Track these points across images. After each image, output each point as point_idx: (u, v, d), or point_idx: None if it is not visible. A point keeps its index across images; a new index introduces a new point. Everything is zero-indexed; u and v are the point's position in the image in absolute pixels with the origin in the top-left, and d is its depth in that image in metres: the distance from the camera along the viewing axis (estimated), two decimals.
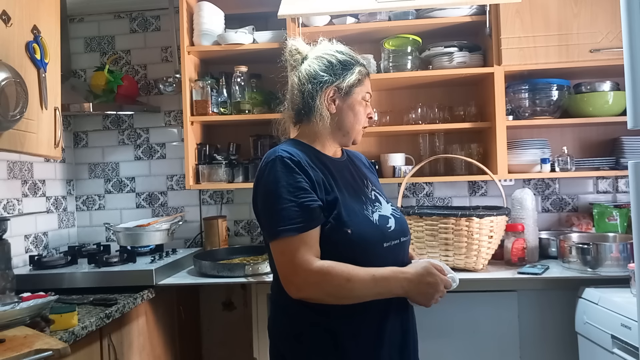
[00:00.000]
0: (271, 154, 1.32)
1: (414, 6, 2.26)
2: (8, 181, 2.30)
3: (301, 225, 1.22)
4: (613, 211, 2.38)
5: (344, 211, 1.27)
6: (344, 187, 1.33)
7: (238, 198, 2.82)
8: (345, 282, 1.21)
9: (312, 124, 1.38)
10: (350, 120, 1.38)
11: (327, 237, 1.26)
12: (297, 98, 1.40)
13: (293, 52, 1.43)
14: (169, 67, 2.78)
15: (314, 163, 1.32)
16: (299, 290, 1.24)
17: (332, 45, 1.42)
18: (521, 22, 2.26)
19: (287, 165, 1.26)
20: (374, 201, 1.38)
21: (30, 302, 1.50)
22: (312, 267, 1.21)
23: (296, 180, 1.24)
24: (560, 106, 2.38)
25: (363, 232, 1.28)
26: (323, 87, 1.35)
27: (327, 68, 1.36)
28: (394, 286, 1.25)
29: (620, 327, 1.62)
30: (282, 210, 1.23)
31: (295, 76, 1.41)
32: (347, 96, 1.37)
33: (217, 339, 2.80)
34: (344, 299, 1.24)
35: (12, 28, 1.64)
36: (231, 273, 2.13)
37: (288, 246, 1.22)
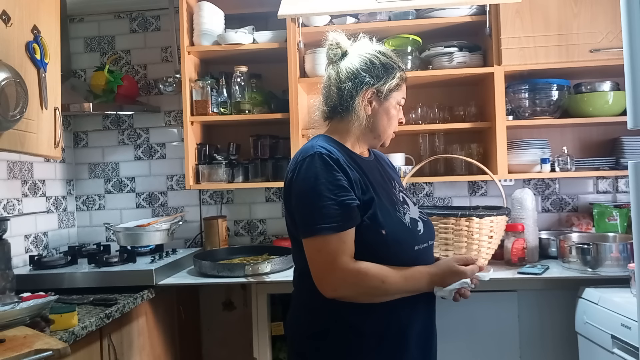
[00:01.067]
0: (308, 149, 1.29)
1: (414, 6, 2.25)
2: (8, 181, 2.30)
3: (340, 224, 1.21)
4: (613, 211, 2.38)
5: (379, 212, 1.27)
6: (376, 187, 1.33)
7: (238, 198, 2.82)
8: (380, 283, 1.23)
9: (345, 121, 1.37)
10: (384, 123, 1.38)
11: (361, 236, 1.26)
12: (333, 94, 1.37)
13: (334, 45, 1.40)
14: (169, 67, 2.78)
15: (349, 161, 1.31)
16: (334, 290, 1.24)
17: (374, 45, 1.40)
18: (521, 22, 2.26)
19: (327, 162, 1.25)
20: (402, 203, 1.37)
21: (30, 302, 1.50)
22: (350, 267, 1.22)
23: (336, 178, 1.23)
24: (560, 106, 2.38)
25: (397, 234, 1.28)
26: (363, 87, 1.34)
27: (368, 69, 1.34)
28: (421, 282, 1.28)
29: (620, 327, 1.62)
30: (322, 207, 1.22)
31: (333, 71, 1.38)
32: (384, 100, 1.36)
33: (217, 339, 2.80)
34: (377, 298, 1.26)
35: (12, 28, 1.64)
36: (231, 273, 2.13)
37: (326, 245, 1.22)
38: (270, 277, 2.12)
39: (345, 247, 1.22)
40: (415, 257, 1.31)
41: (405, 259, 1.29)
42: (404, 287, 1.26)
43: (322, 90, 1.42)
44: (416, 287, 1.28)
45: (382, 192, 1.33)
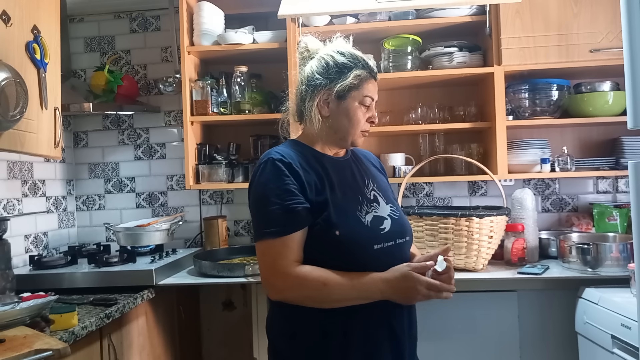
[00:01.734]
0: (265, 155, 1.33)
1: (414, 6, 2.26)
2: (8, 181, 2.30)
3: (283, 229, 1.23)
4: (613, 211, 2.38)
5: (333, 212, 1.27)
6: (339, 187, 1.32)
7: (238, 198, 2.82)
8: (321, 286, 1.22)
9: (309, 124, 1.38)
10: (345, 124, 1.35)
11: (316, 238, 1.26)
12: (297, 98, 1.40)
13: (302, 49, 1.41)
14: (169, 67, 2.78)
15: (309, 163, 1.32)
16: (277, 293, 1.27)
17: (337, 46, 1.38)
18: (521, 22, 2.26)
19: (278, 167, 1.27)
20: (371, 201, 1.36)
21: (30, 302, 1.50)
22: (290, 270, 1.23)
23: (284, 183, 1.25)
24: (560, 106, 2.38)
25: (351, 234, 1.27)
26: (315, 89, 1.34)
27: (323, 70, 1.34)
28: (373, 290, 1.24)
29: (620, 327, 1.62)
30: (268, 212, 1.25)
31: (299, 75, 1.40)
32: (341, 100, 1.34)
33: (217, 339, 2.80)
34: (323, 302, 1.25)
35: (12, 28, 1.64)
36: (231, 273, 2.13)
37: (269, 248, 1.25)
38: None
39: (288, 251, 1.23)
40: (375, 257, 1.28)
41: (363, 259, 1.27)
42: (350, 293, 1.23)
43: (290, 97, 1.45)
44: (367, 293, 1.24)
45: (346, 191, 1.33)
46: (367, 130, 1.40)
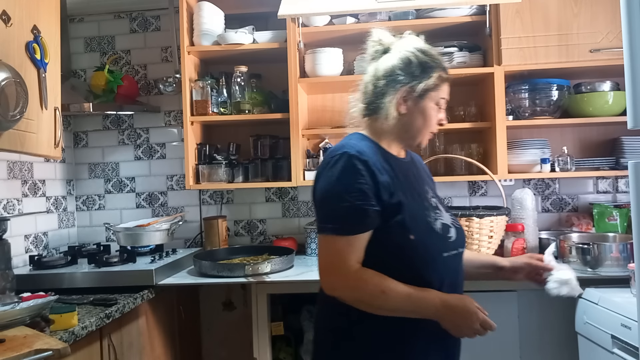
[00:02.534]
0: (339, 148, 1.28)
1: (414, 6, 2.26)
2: (8, 181, 2.30)
3: (350, 228, 1.21)
4: (613, 211, 2.38)
5: (407, 216, 1.25)
6: (408, 190, 1.30)
7: (238, 198, 2.82)
8: (380, 293, 1.20)
9: (380, 120, 1.34)
10: (419, 123, 1.33)
11: (388, 241, 1.24)
12: (369, 91, 1.35)
13: (375, 42, 1.37)
14: (169, 67, 2.78)
15: (381, 163, 1.28)
16: (333, 289, 1.25)
17: (415, 43, 1.35)
18: (521, 22, 2.26)
19: (353, 164, 1.23)
20: (434, 208, 1.35)
21: (30, 302, 1.50)
22: (352, 270, 1.21)
23: (358, 181, 1.22)
24: (560, 106, 2.38)
25: (425, 239, 1.26)
26: (396, 86, 1.30)
27: (405, 66, 1.30)
28: (428, 307, 1.22)
29: (620, 327, 1.62)
30: (336, 208, 1.22)
31: (372, 68, 1.36)
32: (419, 99, 1.31)
33: (217, 339, 2.80)
34: (377, 309, 1.23)
35: (12, 28, 1.64)
36: (231, 273, 2.13)
37: (333, 244, 1.22)
38: (270, 277, 2.12)
39: (352, 250, 1.21)
40: (443, 264, 1.29)
41: (432, 266, 1.26)
42: (406, 305, 1.21)
43: (361, 87, 1.40)
44: (421, 309, 1.22)
45: (414, 195, 1.31)
46: (435, 132, 1.38)
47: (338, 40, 2.55)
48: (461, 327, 1.23)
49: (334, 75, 2.46)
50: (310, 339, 2.30)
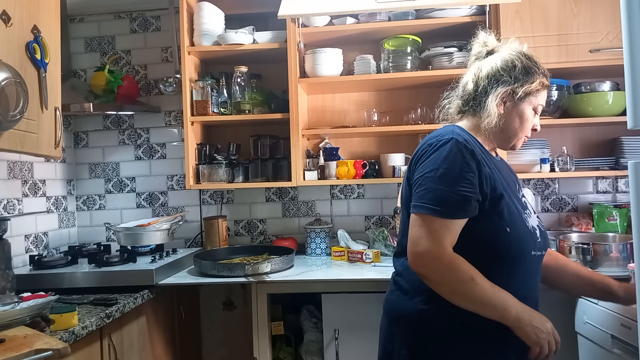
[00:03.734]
0: (447, 133, 1.30)
1: (414, 6, 2.26)
2: (8, 181, 2.31)
3: (450, 212, 1.22)
4: (613, 211, 2.38)
5: (506, 210, 1.27)
6: (505, 186, 1.33)
7: (238, 198, 2.82)
8: (469, 279, 1.21)
9: (477, 117, 1.38)
10: (516, 125, 1.37)
11: (485, 231, 1.26)
12: (469, 89, 1.39)
13: (480, 43, 1.43)
14: (169, 67, 2.79)
15: (482, 156, 1.31)
16: (421, 266, 1.24)
17: (519, 47, 1.40)
18: (521, 22, 2.26)
19: (461, 150, 1.25)
20: (525, 208, 1.38)
21: (31, 302, 1.50)
22: (446, 252, 1.22)
23: (463, 169, 1.24)
24: (560, 106, 2.38)
25: (520, 235, 1.28)
26: (499, 86, 1.34)
27: (508, 69, 1.35)
28: (510, 307, 1.22)
29: (620, 327, 1.62)
30: (439, 191, 1.23)
31: (475, 67, 1.40)
32: (519, 101, 1.35)
33: (217, 339, 2.80)
34: (458, 295, 1.23)
35: (12, 28, 1.64)
36: (231, 273, 2.14)
37: (430, 224, 1.23)
38: (270, 277, 2.12)
39: (448, 233, 1.23)
40: (530, 263, 1.31)
41: (522, 261, 1.29)
42: (490, 299, 1.22)
43: (460, 84, 1.44)
44: (504, 308, 1.22)
45: (509, 191, 1.33)
46: (529, 136, 1.42)
47: (338, 41, 2.55)
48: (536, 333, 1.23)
49: (334, 76, 2.47)
50: (311, 338, 2.31)
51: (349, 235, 2.52)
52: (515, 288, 1.29)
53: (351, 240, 2.49)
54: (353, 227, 2.71)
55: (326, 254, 2.56)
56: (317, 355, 2.27)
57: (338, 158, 2.53)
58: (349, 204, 2.76)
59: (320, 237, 2.57)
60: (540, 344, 1.23)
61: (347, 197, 2.76)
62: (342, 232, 2.53)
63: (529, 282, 1.34)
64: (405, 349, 1.32)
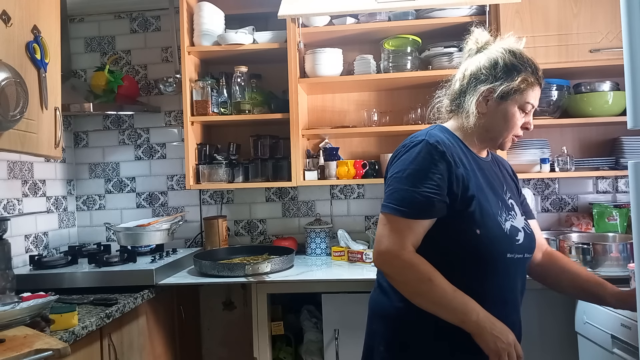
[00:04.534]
0: (420, 135, 1.31)
1: (414, 6, 2.26)
2: (8, 181, 2.31)
3: (415, 213, 1.23)
4: (613, 211, 2.38)
5: (477, 211, 1.26)
6: (483, 187, 1.31)
7: (238, 198, 2.82)
8: (427, 280, 1.20)
9: (462, 117, 1.37)
10: (499, 125, 1.34)
11: (455, 232, 1.26)
12: (455, 88, 1.39)
13: (471, 41, 1.41)
14: (169, 67, 2.79)
15: (459, 156, 1.30)
16: (381, 264, 1.26)
17: (508, 44, 1.36)
18: (521, 22, 2.26)
19: (430, 152, 1.25)
20: (509, 209, 1.35)
21: (31, 302, 1.50)
22: (405, 251, 1.22)
23: (430, 169, 1.24)
24: (560, 106, 2.38)
25: (492, 236, 1.26)
26: (478, 85, 1.33)
27: (491, 67, 1.32)
28: (470, 309, 1.19)
29: (620, 327, 1.62)
30: (404, 191, 1.24)
31: (462, 66, 1.40)
32: (501, 100, 1.31)
33: (217, 339, 2.80)
34: (417, 295, 1.23)
35: (12, 28, 1.64)
36: (231, 273, 2.14)
37: (395, 223, 1.24)
38: (270, 277, 2.13)
39: (411, 234, 1.23)
40: (505, 265, 1.29)
41: (494, 264, 1.27)
42: (449, 301, 1.19)
43: (450, 83, 1.44)
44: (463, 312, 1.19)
45: (488, 193, 1.31)
46: (520, 135, 1.38)
47: (338, 41, 2.55)
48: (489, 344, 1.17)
49: (334, 76, 2.47)
50: (311, 338, 2.31)
51: (349, 235, 2.52)
52: (493, 291, 1.27)
53: (351, 240, 2.49)
54: (353, 227, 2.71)
55: (326, 254, 2.56)
56: (317, 355, 2.27)
57: (338, 158, 2.53)
58: (349, 204, 2.76)
59: (320, 237, 2.57)
60: (499, 354, 1.17)
61: (347, 197, 2.76)
62: (342, 232, 2.53)
63: (507, 286, 1.31)
64: (382, 346, 1.33)
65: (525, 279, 1.40)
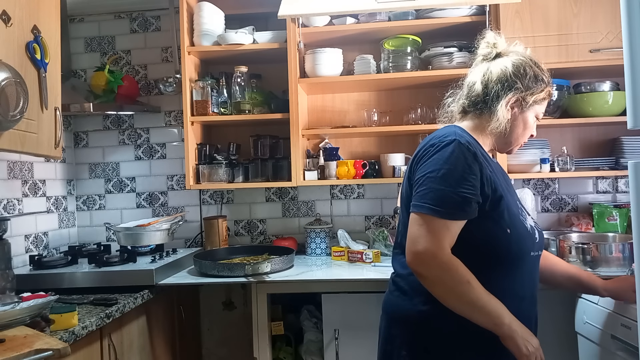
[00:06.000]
0: (450, 134, 1.30)
1: (414, 6, 2.26)
2: (8, 181, 2.31)
3: (451, 213, 1.22)
4: (613, 211, 2.38)
5: (506, 211, 1.28)
6: (505, 187, 1.34)
7: (238, 198, 2.82)
8: (465, 282, 1.21)
9: (483, 119, 1.38)
10: (519, 131, 1.39)
11: (486, 232, 1.27)
12: (477, 90, 1.39)
13: (489, 44, 1.42)
14: (169, 67, 2.79)
15: (484, 157, 1.32)
16: (418, 265, 1.23)
17: (529, 55, 1.41)
18: (521, 22, 2.26)
19: (463, 152, 1.26)
20: (523, 209, 1.39)
21: (31, 302, 1.51)
22: (444, 252, 1.21)
23: (465, 170, 1.24)
24: (560, 106, 2.38)
25: (520, 236, 1.29)
26: (511, 91, 1.35)
27: (520, 75, 1.36)
28: (503, 314, 1.22)
29: (620, 327, 1.62)
30: (441, 191, 1.23)
31: (484, 68, 1.40)
32: (526, 109, 1.37)
33: (217, 338, 2.80)
34: (453, 296, 1.23)
35: (12, 28, 1.64)
36: (231, 273, 2.14)
37: (431, 223, 1.23)
38: (270, 277, 2.13)
39: (448, 234, 1.23)
40: (529, 263, 1.32)
41: (522, 261, 1.30)
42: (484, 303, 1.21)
43: (466, 84, 1.44)
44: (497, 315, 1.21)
45: (509, 194, 1.35)
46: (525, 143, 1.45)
47: (338, 41, 2.55)
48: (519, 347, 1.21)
49: (334, 76, 2.47)
50: (311, 338, 2.31)
51: (349, 235, 2.52)
52: (515, 289, 1.29)
53: (351, 240, 2.50)
54: (353, 227, 2.71)
55: (326, 254, 2.56)
56: (317, 355, 2.27)
57: (338, 158, 2.53)
58: (349, 204, 2.76)
59: (320, 237, 2.57)
60: (529, 358, 1.22)
61: (347, 197, 2.76)
62: (342, 232, 2.53)
63: (527, 283, 1.34)
64: (405, 350, 1.32)
65: (539, 275, 1.42)
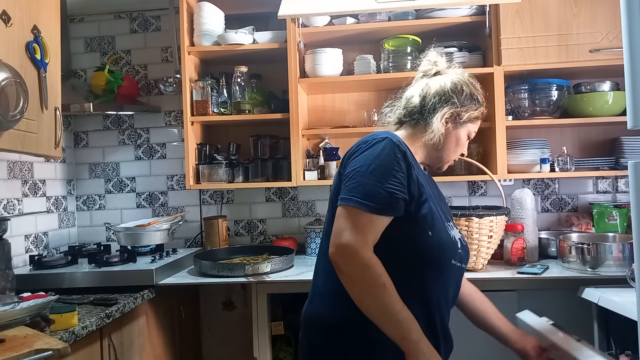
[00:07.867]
0: (382, 133, 1.32)
1: (414, 6, 2.26)
2: (8, 181, 2.31)
3: (378, 208, 1.21)
4: (613, 211, 2.38)
5: (429, 214, 1.28)
6: (432, 194, 1.35)
7: (238, 198, 2.82)
8: (381, 284, 1.18)
9: (417, 130, 1.41)
10: (451, 147, 1.41)
11: (407, 232, 1.27)
12: (415, 102, 1.42)
13: (430, 62, 1.48)
14: (169, 67, 2.79)
15: (414, 161, 1.33)
16: (340, 257, 1.21)
17: (467, 75, 1.46)
18: (521, 22, 2.27)
19: (394, 150, 1.26)
20: (450, 219, 1.40)
21: (31, 302, 1.50)
22: (366, 249, 1.19)
23: (394, 167, 1.24)
24: (560, 106, 2.39)
25: (441, 241, 1.29)
26: (445, 106, 1.38)
27: (457, 92, 1.40)
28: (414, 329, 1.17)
29: None
30: (369, 185, 1.23)
31: (423, 83, 1.45)
32: (459, 125, 1.40)
33: (217, 338, 2.80)
34: (366, 297, 1.19)
35: (12, 28, 1.64)
36: (231, 273, 2.14)
37: (357, 217, 1.21)
38: (270, 277, 2.13)
39: (372, 229, 1.21)
40: (449, 271, 1.31)
41: (440, 268, 1.29)
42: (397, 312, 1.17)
43: (404, 97, 1.48)
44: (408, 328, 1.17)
45: (436, 202, 1.35)
46: (455, 161, 1.48)
47: (338, 41, 2.55)
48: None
49: (334, 76, 2.47)
50: None
51: None
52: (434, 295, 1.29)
53: None
54: None
55: None
56: None
57: (338, 158, 2.53)
58: None
59: (320, 237, 2.57)
60: None
61: None
62: None
63: (447, 291, 1.33)
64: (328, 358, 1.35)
65: (458, 289, 1.42)
